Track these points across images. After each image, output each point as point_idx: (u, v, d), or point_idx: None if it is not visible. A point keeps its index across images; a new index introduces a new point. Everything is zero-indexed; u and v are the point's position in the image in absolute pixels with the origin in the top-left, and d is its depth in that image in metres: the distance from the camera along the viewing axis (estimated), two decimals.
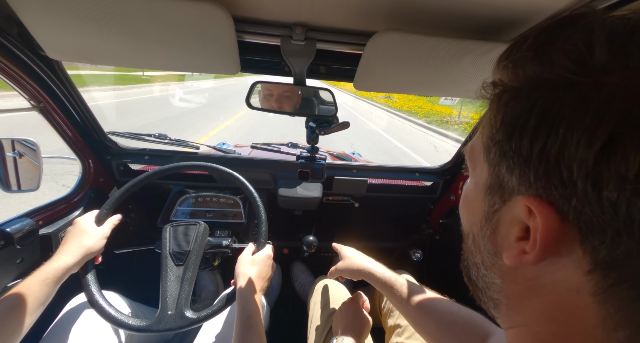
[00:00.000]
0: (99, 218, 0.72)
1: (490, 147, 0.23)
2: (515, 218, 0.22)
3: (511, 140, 0.21)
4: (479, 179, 0.26)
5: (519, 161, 0.21)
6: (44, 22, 0.52)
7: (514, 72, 0.22)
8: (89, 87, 11.29)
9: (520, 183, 0.21)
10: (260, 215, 0.79)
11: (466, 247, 0.29)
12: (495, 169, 0.23)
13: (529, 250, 0.21)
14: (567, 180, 0.18)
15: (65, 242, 0.65)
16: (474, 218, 0.27)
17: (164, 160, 1.09)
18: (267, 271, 0.73)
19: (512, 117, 0.21)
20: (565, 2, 0.45)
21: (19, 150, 0.76)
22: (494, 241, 0.24)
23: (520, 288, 0.23)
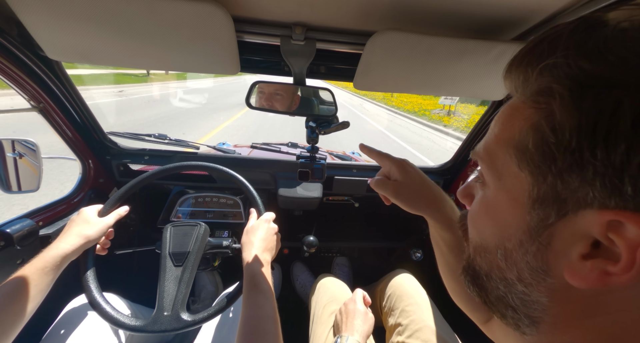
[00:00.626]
0: (103, 210, 0.73)
1: (551, 156, 0.20)
2: (579, 233, 0.20)
3: (596, 148, 0.17)
4: (514, 190, 0.23)
5: (606, 172, 0.17)
6: (43, 23, 0.52)
7: (599, 57, 0.18)
8: (86, 86, 11.28)
9: (604, 196, 0.18)
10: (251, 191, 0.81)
11: (487, 261, 0.27)
12: (549, 179, 0.20)
13: (617, 272, 0.18)
14: None
15: (66, 230, 0.66)
16: (506, 233, 0.24)
17: (164, 161, 1.09)
18: (268, 233, 0.74)
19: (599, 117, 0.17)
20: (564, 2, 0.45)
21: (19, 150, 0.76)
22: (544, 258, 0.22)
23: (575, 307, 0.21)
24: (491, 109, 0.91)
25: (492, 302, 0.27)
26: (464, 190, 0.33)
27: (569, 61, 0.19)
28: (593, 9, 0.44)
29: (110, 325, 0.68)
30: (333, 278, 1.01)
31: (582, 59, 0.19)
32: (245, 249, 0.69)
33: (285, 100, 0.89)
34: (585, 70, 0.18)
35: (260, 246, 0.69)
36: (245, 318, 0.53)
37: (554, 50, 0.20)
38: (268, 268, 0.66)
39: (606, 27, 0.19)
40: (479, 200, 0.28)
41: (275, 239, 0.75)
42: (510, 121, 0.23)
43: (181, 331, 0.63)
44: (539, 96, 0.21)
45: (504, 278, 0.25)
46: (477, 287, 0.28)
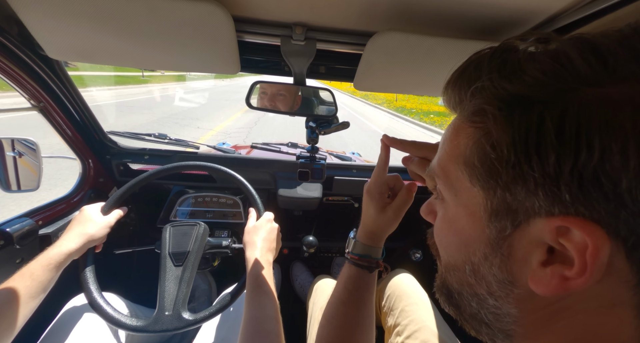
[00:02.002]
0: (104, 209, 0.73)
1: (496, 170, 0.21)
2: (535, 241, 0.20)
3: (531, 160, 0.19)
4: (471, 205, 0.24)
5: (545, 181, 0.19)
6: (44, 22, 0.52)
7: (517, 78, 0.20)
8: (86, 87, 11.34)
9: (548, 203, 0.19)
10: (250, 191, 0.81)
11: (456, 279, 0.27)
12: (499, 192, 0.21)
13: (573, 276, 0.19)
14: (611, 193, 0.17)
15: (69, 228, 0.67)
16: (471, 248, 0.25)
17: (164, 160, 1.09)
18: (271, 233, 0.74)
19: (538, 133, 0.19)
20: (565, 3, 0.45)
21: (19, 150, 0.76)
22: (508, 269, 0.22)
23: (542, 314, 0.22)
24: None
25: (467, 319, 0.27)
26: (426, 207, 0.33)
27: (494, 83, 0.21)
28: (593, 11, 0.44)
29: (110, 325, 0.68)
30: (330, 280, 1.01)
31: (504, 81, 0.21)
32: (247, 249, 0.69)
33: (285, 100, 0.89)
34: (508, 90, 0.21)
35: (263, 246, 0.69)
36: (249, 319, 0.54)
37: (480, 74, 0.22)
38: (270, 268, 0.66)
39: (518, 52, 0.22)
40: (440, 218, 0.29)
41: (277, 239, 0.75)
42: (457, 138, 0.25)
43: (183, 330, 0.63)
44: (475, 116, 0.22)
45: (475, 294, 0.25)
46: (452, 306, 0.28)
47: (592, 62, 0.18)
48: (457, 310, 0.28)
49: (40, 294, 0.56)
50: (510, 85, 0.20)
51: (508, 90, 0.20)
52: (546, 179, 0.19)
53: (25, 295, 0.53)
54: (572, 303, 0.20)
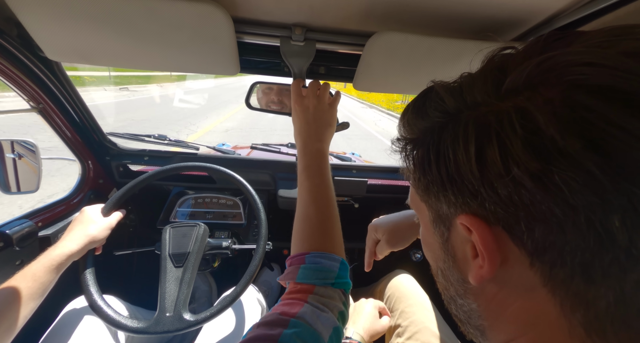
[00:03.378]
0: (105, 210, 0.73)
1: (418, 187, 0.27)
2: (463, 239, 0.24)
3: (426, 175, 0.25)
4: (426, 220, 0.29)
5: (438, 189, 0.24)
6: (43, 24, 0.52)
7: (409, 129, 0.28)
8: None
9: (448, 206, 0.24)
10: (261, 216, 0.80)
11: (439, 285, 0.31)
12: (429, 202, 0.27)
13: (482, 264, 0.22)
14: (473, 190, 0.21)
15: (70, 229, 0.66)
16: (435, 254, 0.29)
17: (163, 161, 1.09)
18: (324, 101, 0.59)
19: (419, 158, 0.26)
20: (564, 2, 0.45)
21: (19, 151, 0.76)
22: (458, 267, 0.26)
23: (494, 305, 0.24)
24: None
25: (458, 322, 0.30)
26: None
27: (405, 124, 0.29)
28: (592, 10, 0.44)
29: (110, 327, 0.68)
30: None
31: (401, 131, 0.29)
32: (295, 120, 0.59)
33: (284, 101, 0.89)
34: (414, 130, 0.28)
35: (317, 116, 0.57)
36: (297, 208, 0.52)
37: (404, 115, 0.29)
38: (325, 147, 0.57)
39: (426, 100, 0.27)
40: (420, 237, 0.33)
41: (333, 113, 0.60)
42: None
43: (184, 331, 0.63)
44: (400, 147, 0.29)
45: (451, 298, 0.29)
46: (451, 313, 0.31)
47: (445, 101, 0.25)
48: (455, 316, 0.30)
49: (41, 295, 0.56)
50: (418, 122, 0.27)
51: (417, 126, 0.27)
52: (438, 187, 0.24)
53: (26, 295, 0.53)
54: (509, 292, 0.22)
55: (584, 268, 0.17)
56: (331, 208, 0.51)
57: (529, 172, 0.18)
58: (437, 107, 0.25)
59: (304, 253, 0.44)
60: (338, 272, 0.42)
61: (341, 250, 0.47)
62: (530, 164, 0.18)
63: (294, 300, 0.37)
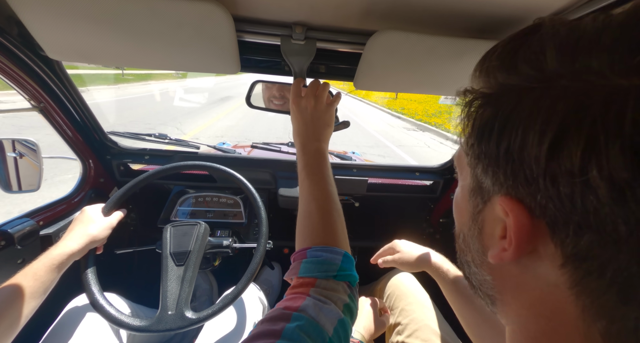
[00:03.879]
0: (106, 209, 0.73)
1: (467, 151, 0.25)
2: (496, 218, 0.23)
3: (481, 143, 0.23)
4: (464, 183, 0.28)
5: (490, 163, 0.22)
6: (44, 23, 0.52)
7: (485, 80, 0.24)
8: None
9: (493, 183, 0.22)
10: (261, 215, 0.80)
11: (457, 246, 0.31)
12: (474, 171, 0.25)
13: (507, 247, 0.22)
14: (530, 177, 0.19)
15: (71, 229, 0.66)
16: (463, 220, 0.28)
17: (164, 160, 1.09)
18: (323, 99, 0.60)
19: (482, 121, 0.23)
20: (564, 1, 0.45)
21: (20, 150, 0.76)
22: (481, 240, 0.26)
23: (509, 284, 0.24)
24: None
25: (470, 285, 0.30)
26: None
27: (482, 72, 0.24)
28: (592, 9, 0.44)
29: (112, 325, 0.68)
30: None
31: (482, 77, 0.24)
32: (293, 120, 0.60)
33: (285, 100, 0.89)
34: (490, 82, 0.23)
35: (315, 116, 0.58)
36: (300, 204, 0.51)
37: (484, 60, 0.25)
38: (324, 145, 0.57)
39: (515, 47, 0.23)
40: (454, 195, 0.33)
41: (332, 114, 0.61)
42: None
43: (186, 329, 0.63)
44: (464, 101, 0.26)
45: (466, 262, 0.29)
46: (463, 274, 0.32)
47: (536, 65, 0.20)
48: (465, 276, 0.31)
49: (42, 294, 0.56)
50: (499, 74, 0.23)
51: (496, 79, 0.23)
52: (490, 161, 0.22)
53: (27, 294, 0.53)
54: (528, 279, 0.22)
55: (623, 288, 0.17)
56: (332, 203, 0.51)
57: (612, 180, 0.15)
58: (532, 62, 0.20)
59: (306, 248, 0.44)
60: (340, 264, 0.42)
61: (345, 244, 0.47)
62: (619, 173, 0.15)
63: (297, 294, 0.38)
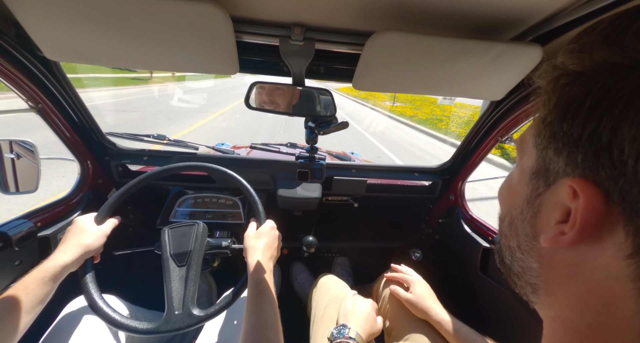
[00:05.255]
0: (98, 218, 0.72)
1: (541, 130, 0.24)
2: (558, 202, 0.23)
3: (563, 121, 0.22)
4: (525, 166, 0.27)
5: (569, 142, 0.21)
6: (41, 23, 0.51)
7: (579, 56, 0.22)
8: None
9: (567, 164, 0.21)
10: (253, 196, 0.81)
11: (500, 231, 0.31)
12: (543, 152, 0.24)
13: (567, 231, 0.21)
14: (617, 159, 0.18)
15: (64, 240, 0.65)
16: (515, 202, 0.28)
17: (163, 161, 1.09)
18: (274, 241, 0.75)
19: (568, 99, 0.22)
20: (563, 2, 0.45)
21: (17, 151, 0.76)
22: (534, 224, 0.25)
23: (559, 273, 0.23)
24: (490, 109, 0.91)
25: (507, 271, 0.30)
26: None
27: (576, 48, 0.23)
28: (592, 9, 0.44)
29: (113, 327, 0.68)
30: (335, 278, 1.00)
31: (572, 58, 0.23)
32: (249, 254, 0.70)
33: (284, 101, 0.88)
34: (584, 59, 0.22)
35: (265, 253, 0.70)
36: (251, 326, 0.54)
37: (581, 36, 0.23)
38: (271, 275, 0.66)
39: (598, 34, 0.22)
40: (506, 178, 0.32)
41: (279, 247, 0.77)
42: None
43: (194, 327, 0.63)
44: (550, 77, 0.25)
45: (508, 247, 0.29)
46: (500, 260, 0.31)
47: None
48: (502, 263, 0.31)
49: (36, 308, 0.55)
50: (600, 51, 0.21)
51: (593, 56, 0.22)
52: (569, 140, 0.21)
53: (20, 310, 0.52)
54: (584, 270, 0.21)
55: None
56: None
57: None
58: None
59: None
60: None
61: None
62: None
63: None
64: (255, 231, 0.76)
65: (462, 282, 1.14)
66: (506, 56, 0.56)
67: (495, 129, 0.91)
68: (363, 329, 0.71)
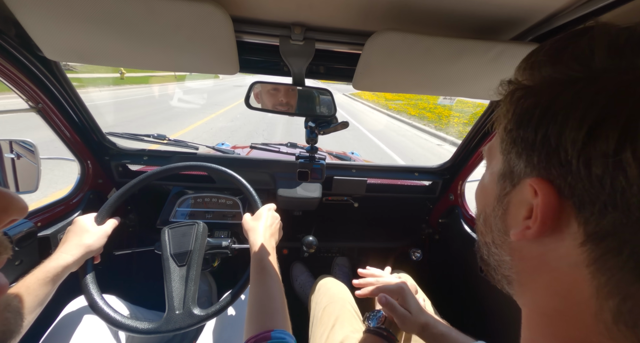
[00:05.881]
0: (98, 218, 0.72)
1: (504, 137, 0.27)
2: (523, 200, 0.25)
3: (519, 129, 0.25)
4: (494, 169, 0.30)
5: (526, 147, 0.24)
6: (41, 23, 0.52)
7: (530, 73, 0.26)
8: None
9: (526, 166, 0.24)
10: (247, 187, 0.82)
11: (477, 228, 0.33)
12: (507, 157, 0.27)
13: (531, 225, 0.23)
14: (564, 160, 0.21)
15: (64, 241, 0.65)
16: (487, 201, 0.30)
17: (163, 161, 1.09)
18: (272, 220, 0.76)
19: (522, 110, 0.25)
20: (562, 2, 0.45)
21: (17, 151, 0.76)
22: (505, 221, 0.28)
23: (528, 265, 0.26)
24: (489, 109, 0.91)
25: (485, 266, 0.33)
26: None
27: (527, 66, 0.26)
28: (591, 9, 0.44)
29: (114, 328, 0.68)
30: (333, 279, 1.01)
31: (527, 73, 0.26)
32: (250, 235, 0.71)
33: (284, 101, 0.89)
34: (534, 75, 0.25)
35: (265, 231, 0.71)
36: (255, 299, 0.55)
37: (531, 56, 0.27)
38: (274, 252, 0.67)
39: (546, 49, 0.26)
40: (479, 181, 0.35)
41: (279, 226, 0.77)
42: None
43: (195, 326, 0.63)
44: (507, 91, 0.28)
45: (485, 243, 0.31)
46: (480, 257, 0.34)
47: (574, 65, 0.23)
48: (481, 259, 0.33)
49: (37, 308, 0.55)
50: (545, 68, 0.25)
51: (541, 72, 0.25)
52: (526, 145, 0.24)
53: (21, 310, 0.51)
54: (549, 260, 0.24)
55: (639, 265, 0.18)
56: None
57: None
58: (580, 58, 0.22)
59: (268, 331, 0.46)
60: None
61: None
62: None
63: None
64: (252, 216, 0.77)
65: (462, 281, 1.14)
66: (506, 56, 0.56)
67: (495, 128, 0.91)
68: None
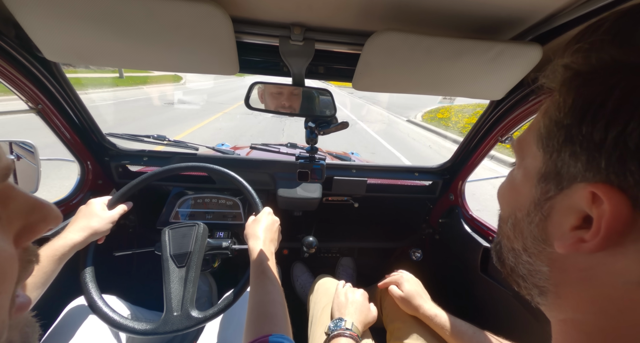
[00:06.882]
0: (110, 203, 0.75)
1: (554, 133, 0.23)
2: (573, 207, 0.22)
3: (581, 124, 0.20)
4: (530, 167, 0.26)
5: (589, 146, 0.20)
6: (41, 24, 0.51)
7: (586, 56, 0.21)
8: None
9: (586, 169, 0.20)
10: (247, 188, 0.83)
11: (501, 231, 0.30)
12: (554, 155, 0.23)
13: (588, 238, 0.20)
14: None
15: (74, 220, 0.68)
16: (519, 204, 0.27)
17: (163, 162, 1.09)
18: (272, 224, 0.76)
19: (585, 101, 0.20)
20: (562, 2, 0.45)
21: (17, 152, 0.76)
22: (544, 228, 0.24)
23: (572, 277, 0.23)
24: (490, 109, 0.91)
25: (509, 273, 0.29)
26: None
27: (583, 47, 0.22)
28: (591, 9, 0.44)
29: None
30: (332, 279, 1.01)
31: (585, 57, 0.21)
32: (250, 240, 0.71)
33: (284, 101, 0.89)
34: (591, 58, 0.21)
35: (265, 237, 0.71)
36: (254, 303, 0.55)
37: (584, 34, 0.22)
38: (273, 258, 0.68)
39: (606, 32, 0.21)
40: (506, 178, 0.31)
41: (278, 231, 0.78)
42: (537, 115, 0.26)
43: (193, 329, 0.63)
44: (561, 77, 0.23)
45: (512, 249, 0.28)
46: (499, 260, 0.31)
47: None
48: (501, 263, 0.30)
49: (44, 284, 0.57)
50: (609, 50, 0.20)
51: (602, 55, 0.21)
52: (590, 144, 0.20)
53: (30, 284, 0.54)
54: (599, 274, 0.21)
55: None
56: None
57: None
58: None
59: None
60: None
61: None
62: None
63: None
64: (253, 219, 0.78)
65: (462, 281, 1.14)
66: (506, 56, 0.56)
67: (495, 128, 0.91)
68: (358, 320, 0.73)
